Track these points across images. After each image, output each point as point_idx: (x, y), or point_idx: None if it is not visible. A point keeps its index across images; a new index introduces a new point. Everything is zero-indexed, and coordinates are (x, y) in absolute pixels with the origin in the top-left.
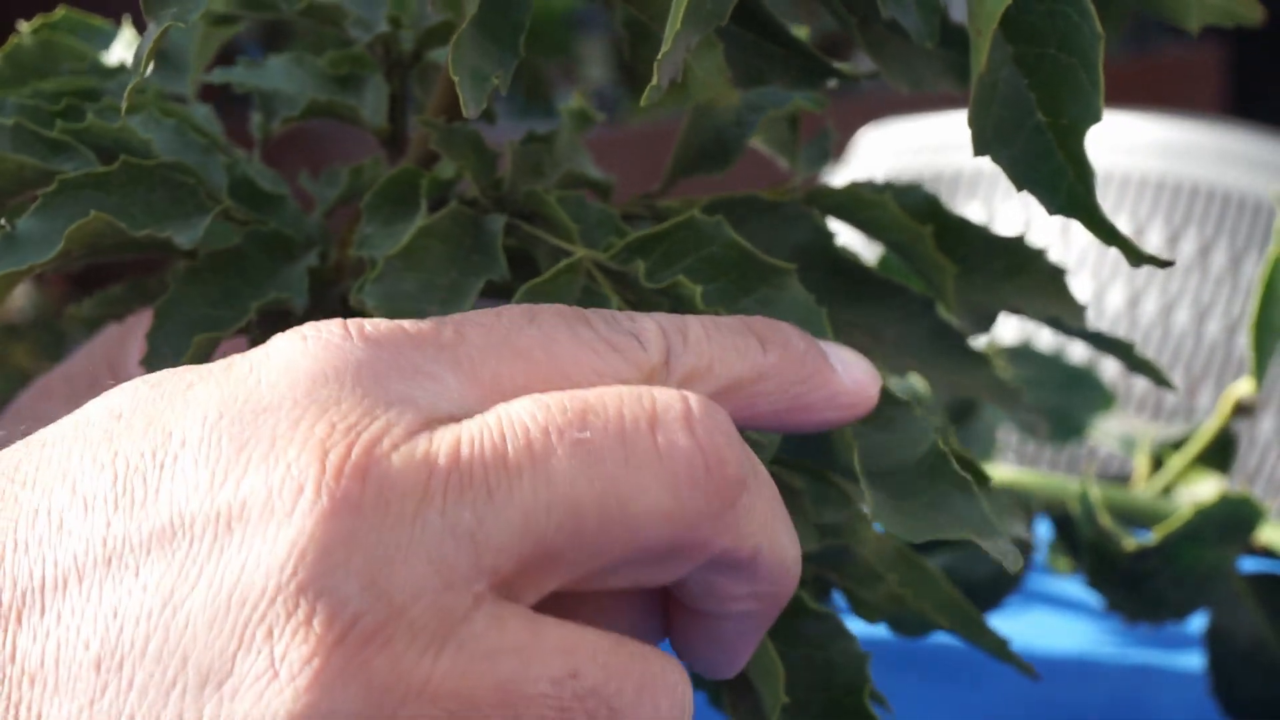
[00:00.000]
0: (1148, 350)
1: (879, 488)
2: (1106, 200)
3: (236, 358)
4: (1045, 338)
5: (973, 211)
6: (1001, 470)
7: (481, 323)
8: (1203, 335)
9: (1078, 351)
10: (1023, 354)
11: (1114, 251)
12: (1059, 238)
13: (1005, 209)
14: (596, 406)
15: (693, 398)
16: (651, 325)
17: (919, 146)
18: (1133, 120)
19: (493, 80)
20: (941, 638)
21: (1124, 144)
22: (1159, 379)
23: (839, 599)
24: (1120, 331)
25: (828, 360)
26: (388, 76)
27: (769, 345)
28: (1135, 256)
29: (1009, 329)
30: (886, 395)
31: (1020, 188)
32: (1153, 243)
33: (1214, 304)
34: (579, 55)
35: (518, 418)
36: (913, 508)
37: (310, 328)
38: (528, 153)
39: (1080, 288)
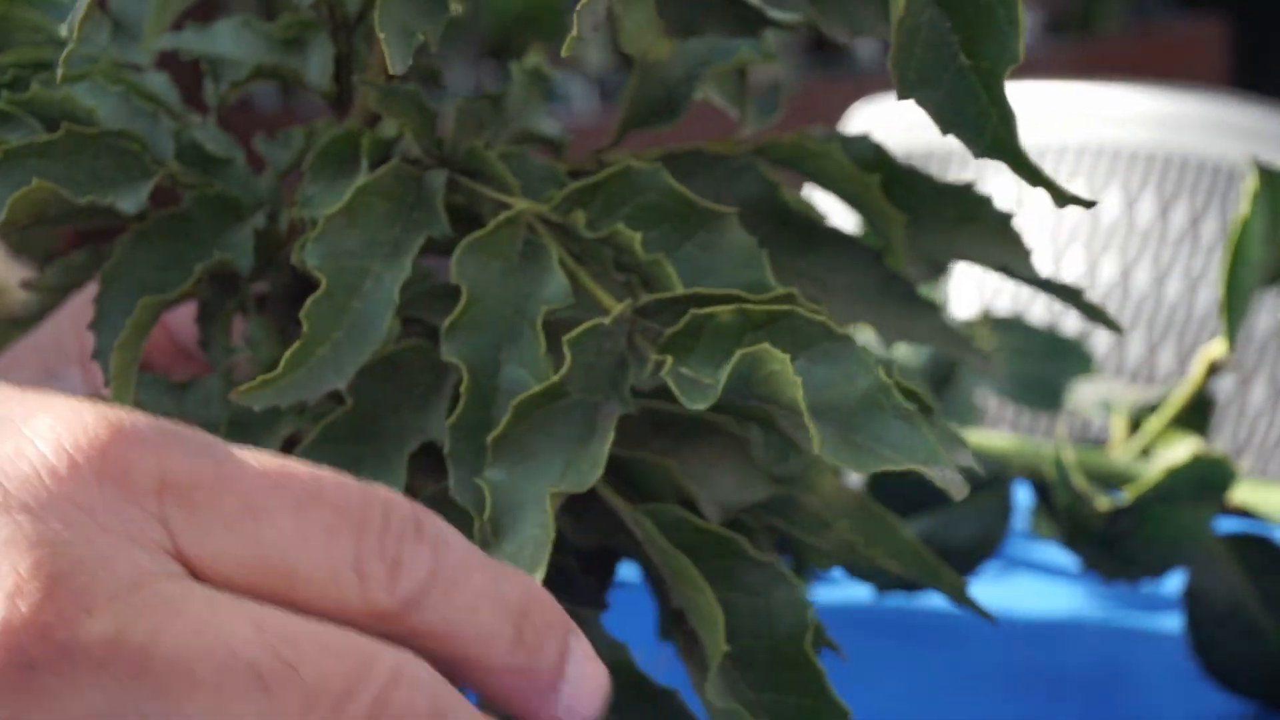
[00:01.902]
0: (1140, 322)
1: (825, 422)
2: (1097, 172)
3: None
4: (1039, 312)
5: None
6: (981, 435)
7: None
8: (1194, 306)
9: (1072, 325)
10: (1009, 324)
11: (1107, 223)
12: (1055, 209)
13: (999, 183)
14: (309, 658)
15: (413, 683)
16: (421, 566)
17: (911, 123)
18: (1122, 92)
19: (419, 37)
20: (923, 601)
21: (1114, 115)
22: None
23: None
24: (1112, 304)
25: (562, 679)
26: (333, 37)
27: (521, 645)
28: (1060, 198)
29: (1005, 303)
30: (826, 330)
31: (945, 131)
32: (1145, 214)
33: (1206, 274)
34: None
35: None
36: (858, 440)
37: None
38: (470, 110)
39: (1072, 260)
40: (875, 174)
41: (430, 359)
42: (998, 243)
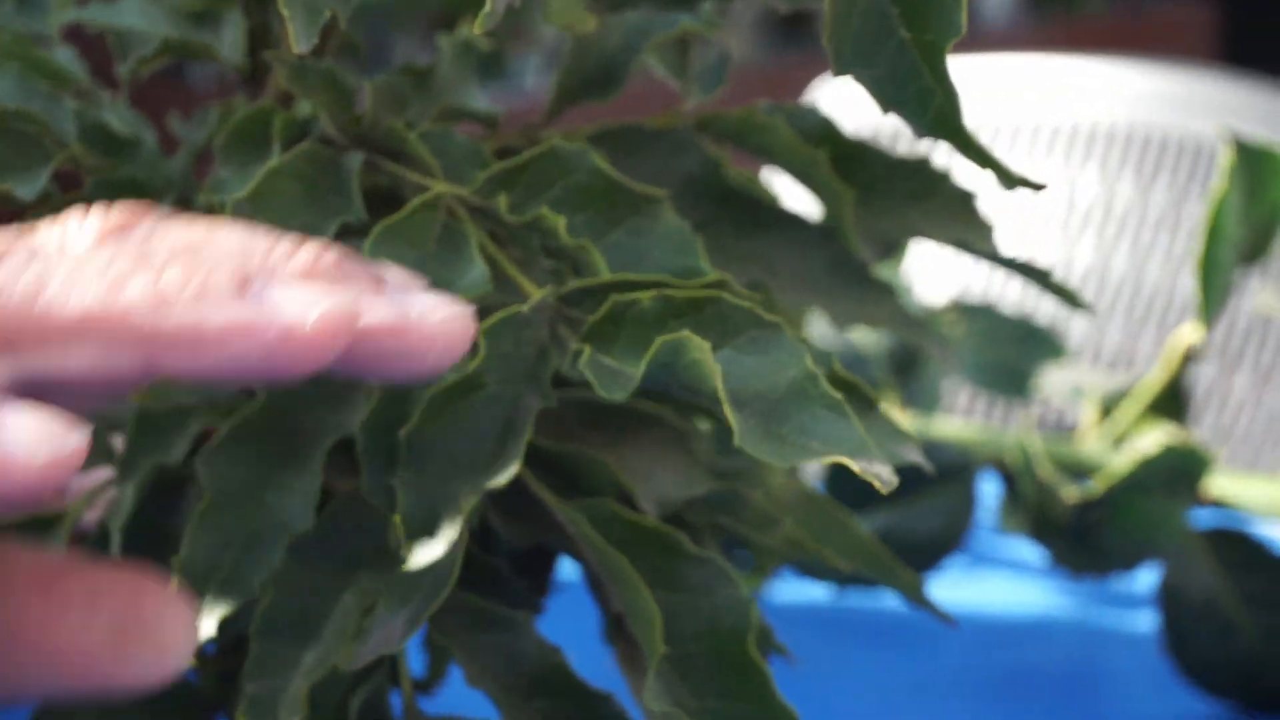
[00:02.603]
0: (1119, 307)
1: (748, 413)
2: (1074, 152)
3: None
4: (1017, 302)
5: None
6: (944, 424)
7: None
8: (1176, 291)
9: (1049, 314)
10: (978, 310)
11: (1084, 205)
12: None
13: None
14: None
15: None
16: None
17: None
18: (1101, 67)
19: (325, 14)
20: (883, 601)
21: (1092, 91)
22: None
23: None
24: (1090, 289)
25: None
26: (245, 11)
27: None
28: (1007, 179)
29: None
30: (754, 318)
31: (886, 109)
32: (1124, 196)
33: (1187, 258)
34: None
35: None
36: (782, 432)
37: None
38: (391, 87)
39: (1048, 244)
40: (823, 148)
41: None
42: (955, 219)
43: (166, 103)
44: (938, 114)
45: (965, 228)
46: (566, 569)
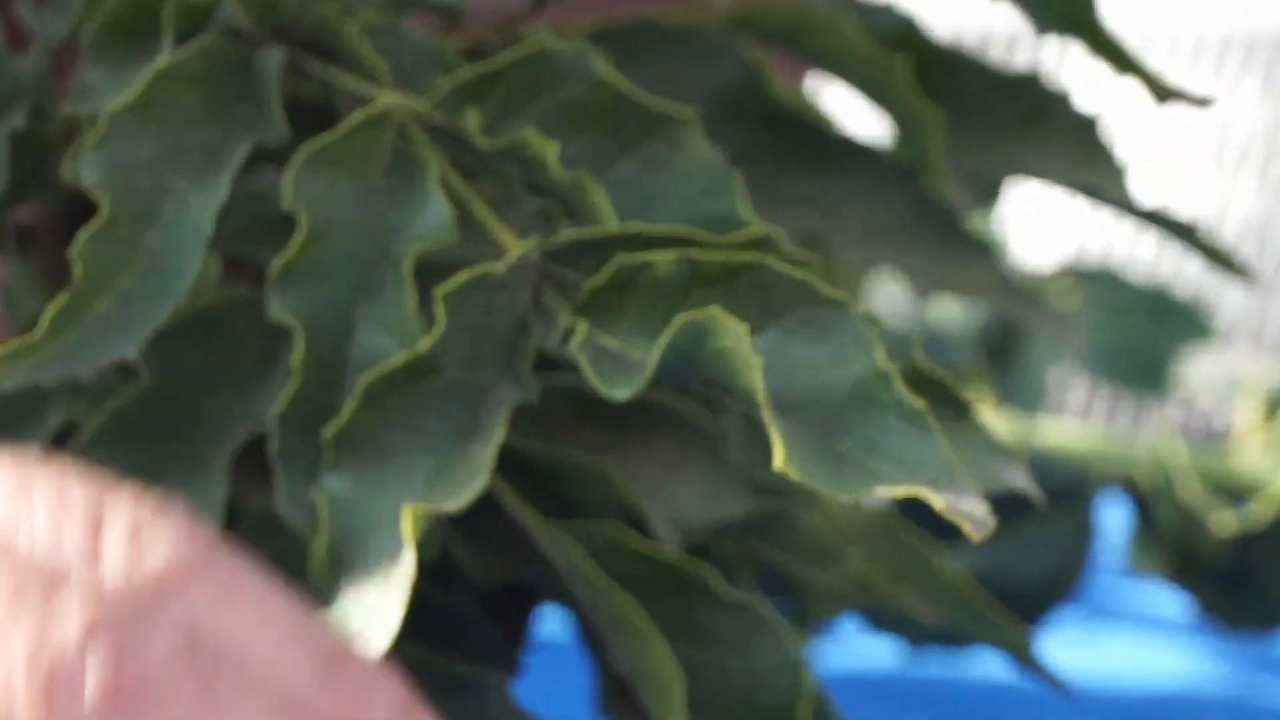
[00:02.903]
0: None
1: (798, 421)
2: (1226, 64)
3: None
4: (1143, 264)
5: None
6: (1056, 430)
7: None
8: None
9: (1192, 283)
10: (1099, 278)
11: (1240, 138)
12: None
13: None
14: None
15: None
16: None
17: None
18: None
19: None
20: (969, 664)
21: None
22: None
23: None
24: (1248, 249)
25: None
26: None
27: None
28: (1158, 91)
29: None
30: (808, 291)
31: None
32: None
33: None
34: None
35: None
36: (841, 450)
37: None
38: None
39: (1194, 189)
40: (904, 55)
41: (263, 316)
42: (1075, 153)
43: None
44: (1066, 3)
45: (1088, 165)
46: (551, 618)
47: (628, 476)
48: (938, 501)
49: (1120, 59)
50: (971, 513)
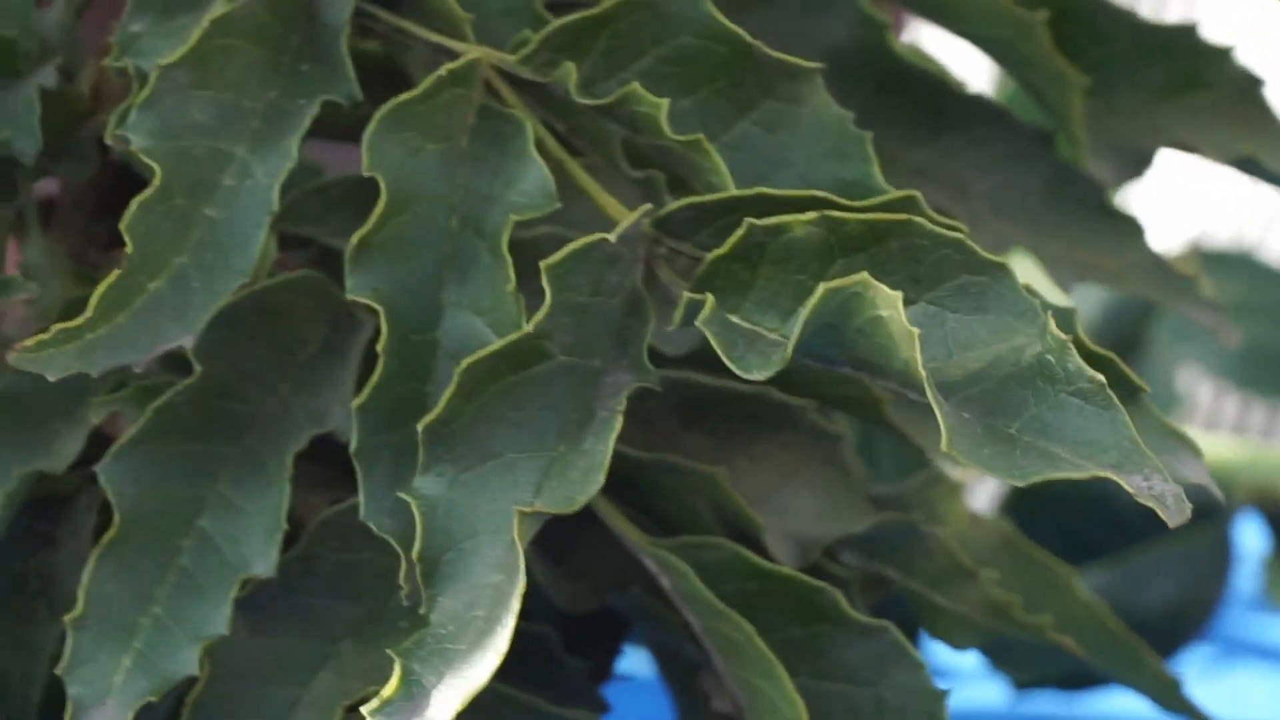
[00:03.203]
0: None
1: (959, 402)
2: None
3: None
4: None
5: None
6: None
7: None
8: None
9: None
10: (1229, 261)
11: None
12: None
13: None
14: None
15: None
16: None
17: None
18: None
19: None
20: (1108, 706)
21: None
22: None
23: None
24: None
25: None
26: None
27: None
28: None
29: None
30: (967, 255)
31: None
32: None
33: None
34: None
35: None
36: (1011, 431)
37: None
38: None
39: None
40: (1041, 9)
41: (325, 301)
42: (1236, 120)
43: None
44: None
45: (1250, 133)
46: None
47: (738, 485)
48: (1128, 485)
49: None
50: (1165, 497)
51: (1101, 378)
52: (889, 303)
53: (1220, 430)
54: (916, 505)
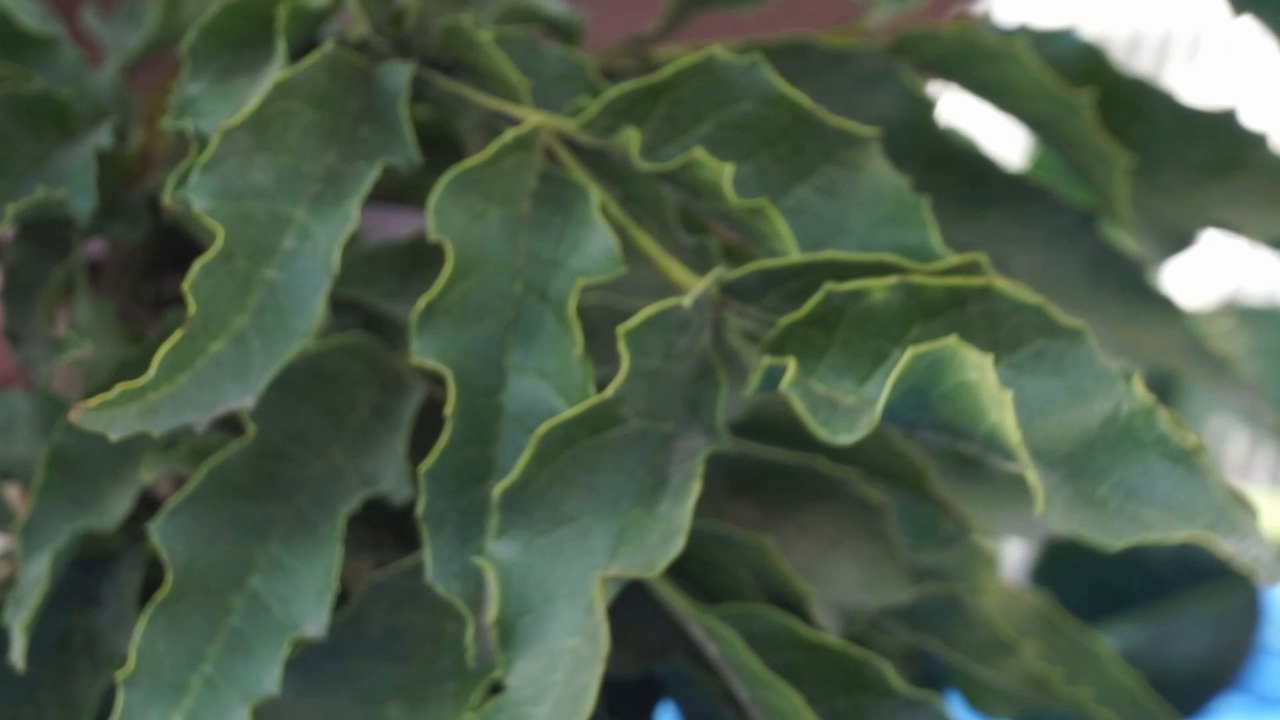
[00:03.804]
0: None
1: (1046, 466)
2: None
3: None
4: None
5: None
6: None
7: None
8: None
9: None
10: (1263, 316)
11: None
12: None
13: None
14: None
15: None
16: None
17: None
18: None
19: None
20: None
21: None
22: None
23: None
24: None
25: None
26: None
27: None
28: None
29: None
30: (1045, 320)
31: (1239, 11)
32: None
33: None
34: None
35: None
36: (1098, 495)
37: None
38: None
39: None
40: (1086, 89)
41: (378, 364)
42: (1275, 203)
43: None
44: None
45: None
46: None
47: (786, 554)
48: (1222, 549)
49: None
50: (1261, 559)
51: (1193, 439)
52: (978, 367)
53: (1255, 480)
54: (956, 576)
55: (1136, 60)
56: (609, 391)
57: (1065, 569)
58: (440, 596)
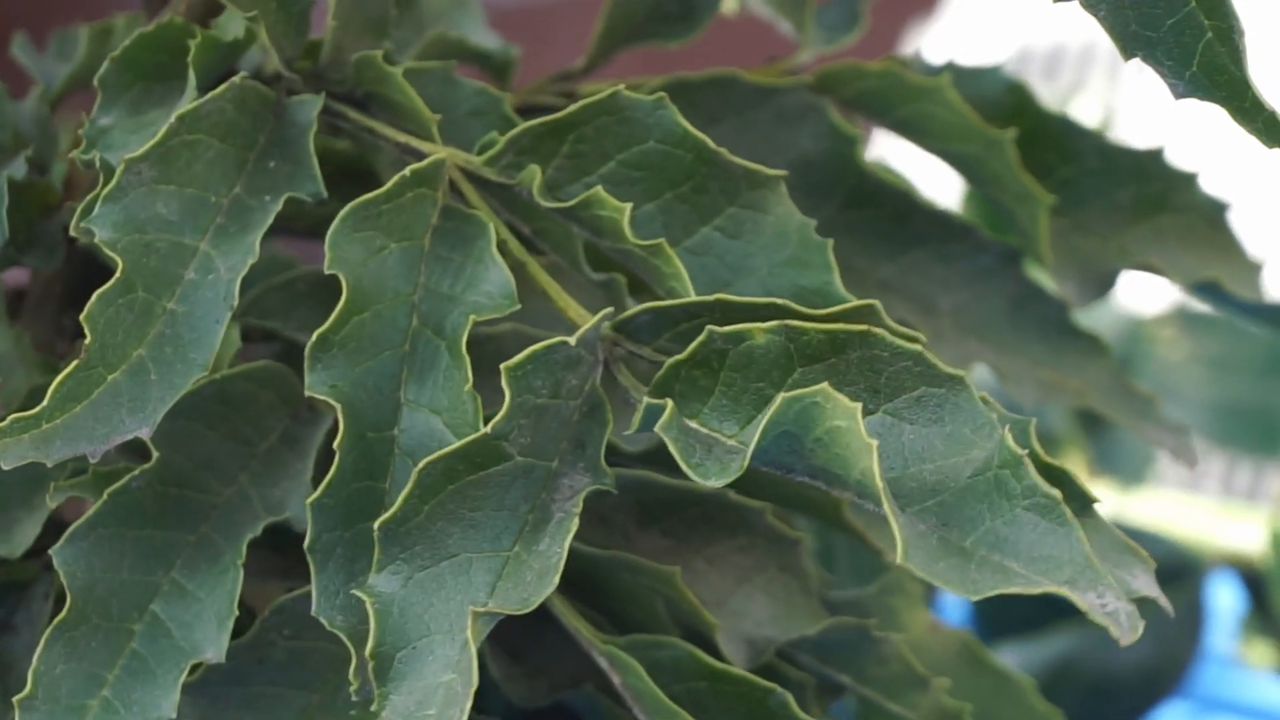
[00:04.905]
0: None
1: (916, 514)
2: None
3: None
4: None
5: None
6: (1159, 503)
7: None
8: None
9: None
10: (1208, 324)
11: None
12: None
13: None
14: None
15: None
16: None
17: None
18: None
19: None
20: None
21: None
22: None
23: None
24: None
25: None
26: None
27: None
28: None
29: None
30: (924, 367)
31: (1130, 52)
32: None
33: None
34: None
35: None
36: (966, 545)
37: None
38: (363, 3)
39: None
40: (1011, 127)
41: (286, 392)
42: (1202, 245)
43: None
44: (1207, 61)
45: (1216, 259)
46: None
47: (693, 585)
48: (1081, 603)
49: (1269, 127)
50: (1118, 614)
51: (1057, 493)
52: (847, 414)
53: (1206, 487)
54: (876, 611)
55: (1058, 73)
56: (488, 428)
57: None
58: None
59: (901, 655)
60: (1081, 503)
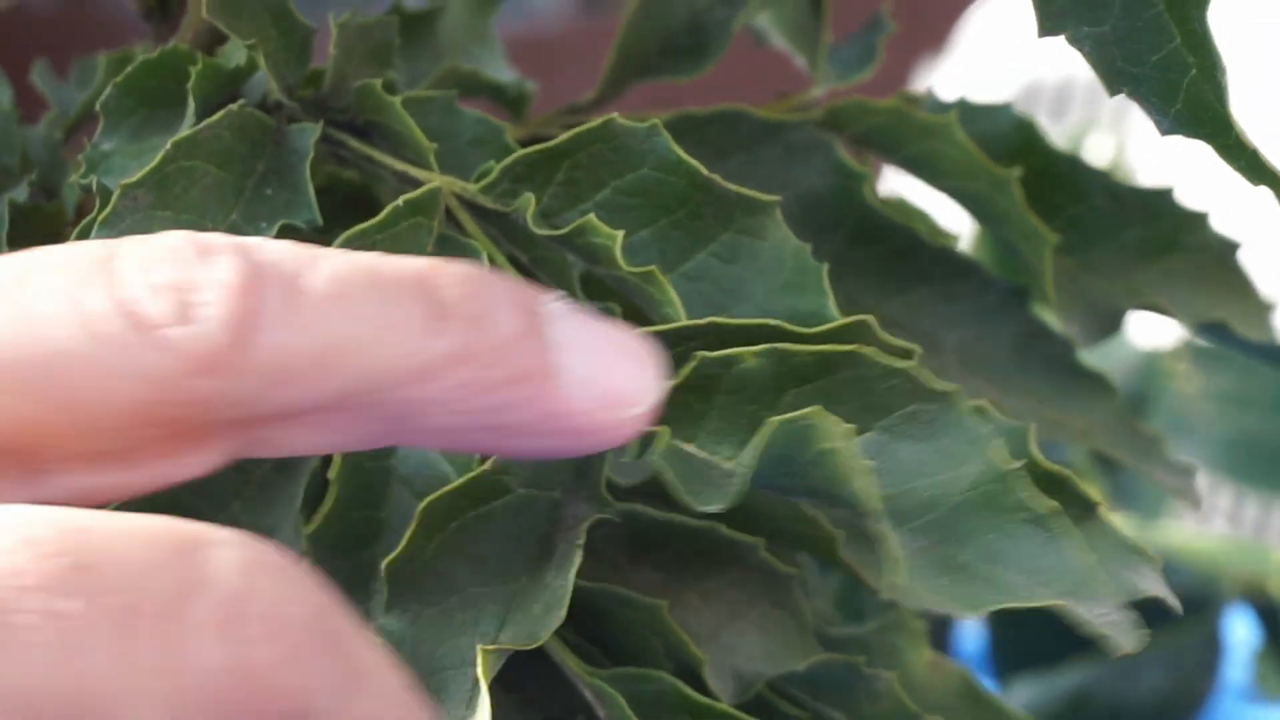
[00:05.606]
0: None
1: (906, 533)
2: None
3: None
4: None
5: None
6: (1176, 535)
7: None
8: None
9: None
10: (1218, 359)
11: None
12: None
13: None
14: (97, 560)
15: (258, 561)
16: (225, 271)
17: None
18: None
19: None
20: None
21: None
22: None
23: None
24: None
25: (548, 354)
26: None
27: (447, 319)
28: None
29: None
30: (914, 385)
31: (1115, 89)
32: None
33: None
34: None
35: None
36: (961, 560)
37: None
38: (366, 32)
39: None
40: (1017, 166)
41: None
42: (1212, 286)
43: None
44: (1192, 97)
45: (1227, 300)
46: None
47: (682, 618)
48: (1079, 615)
49: (1254, 164)
50: (1118, 625)
51: (1054, 504)
52: (839, 435)
53: (1214, 522)
54: (878, 648)
55: (1068, 106)
56: (489, 463)
57: (1023, 609)
58: None
59: (893, 692)
60: (1082, 507)
